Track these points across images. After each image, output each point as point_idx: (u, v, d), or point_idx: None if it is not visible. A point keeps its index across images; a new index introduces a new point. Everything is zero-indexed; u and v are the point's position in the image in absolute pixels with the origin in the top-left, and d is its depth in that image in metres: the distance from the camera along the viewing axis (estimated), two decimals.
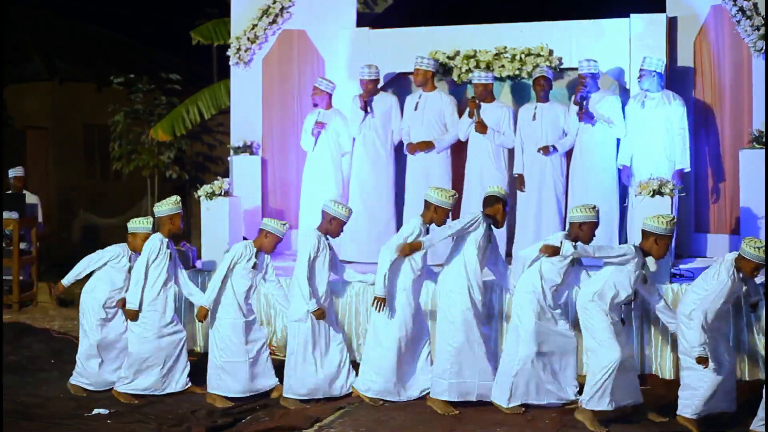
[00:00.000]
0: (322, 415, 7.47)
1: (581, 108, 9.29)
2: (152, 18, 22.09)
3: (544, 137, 9.52)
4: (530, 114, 9.60)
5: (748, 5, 9.32)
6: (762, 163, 9.13)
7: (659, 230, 7.05)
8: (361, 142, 10.11)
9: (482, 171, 9.66)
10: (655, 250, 7.09)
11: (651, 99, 9.25)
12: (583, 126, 9.39)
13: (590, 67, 9.40)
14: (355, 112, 10.01)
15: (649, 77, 9.20)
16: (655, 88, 9.24)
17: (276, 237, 7.99)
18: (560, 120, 9.56)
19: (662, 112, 9.23)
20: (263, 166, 10.67)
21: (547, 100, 9.62)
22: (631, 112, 9.36)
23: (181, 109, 13.75)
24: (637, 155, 9.31)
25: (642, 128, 9.27)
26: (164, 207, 8.17)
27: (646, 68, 9.20)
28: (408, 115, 9.97)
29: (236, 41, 10.71)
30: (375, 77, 9.96)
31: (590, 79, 9.39)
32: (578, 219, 7.35)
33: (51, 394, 8.15)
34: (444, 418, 7.35)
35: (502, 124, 9.66)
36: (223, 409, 7.69)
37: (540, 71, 9.62)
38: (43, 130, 18.04)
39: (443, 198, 7.68)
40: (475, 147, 9.75)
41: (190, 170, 16.17)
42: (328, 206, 7.90)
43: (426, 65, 9.88)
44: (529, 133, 9.58)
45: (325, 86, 10.09)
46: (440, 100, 9.91)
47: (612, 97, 9.51)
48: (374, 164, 10.07)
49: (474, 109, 9.56)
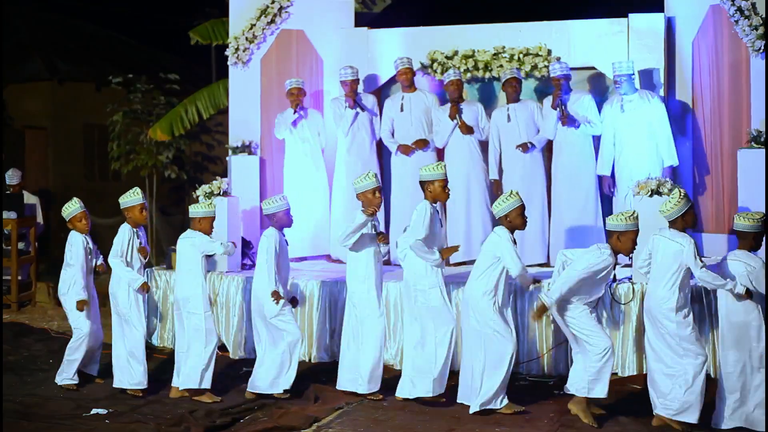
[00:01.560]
0: (321, 414, 7.46)
1: (563, 113, 9.37)
2: (151, 18, 22.07)
3: (522, 136, 9.69)
4: (504, 116, 9.76)
5: (747, 5, 9.33)
6: (761, 162, 9.13)
7: (620, 227, 7.02)
8: (349, 141, 10.15)
9: (468, 172, 9.81)
10: (620, 246, 7.04)
11: (629, 101, 9.35)
12: (562, 127, 9.50)
13: (562, 68, 9.51)
14: (340, 114, 10.07)
15: (627, 81, 9.28)
16: (631, 90, 9.31)
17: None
18: (535, 116, 9.71)
19: (643, 112, 9.35)
20: (261, 166, 10.67)
21: (518, 100, 9.73)
22: (611, 117, 9.45)
23: (180, 109, 13.75)
24: (625, 159, 9.41)
25: (625, 132, 9.38)
26: (128, 198, 8.21)
27: (623, 73, 9.28)
28: (392, 117, 10.04)
29: (234, 41, 10.72)
30: (356, 77, 10.07)
31: (563, 80, 9.47)
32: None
33: (50, 394, 8.14)
34: (443, 418, 7.34)
35: (480, 120, 9.85)
36: (222, 408, 7.70)
37: (510, 73, 9.72)
38: (42, 129, 18.04)
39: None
40: (457, 149, 9.85)
41: (189, 170, 16.15)
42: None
43: (409, 64, 9.98)
44: (506, 134, 9.74)
45: (302, 84, 10.30)
46: (425, 98, 10.05)
47: (586, 96, 9.69)
48: (365, 163, 10.11)
49: (456, 112, 9.65)
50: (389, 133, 10.09)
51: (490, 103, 10.23)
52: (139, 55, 20.16)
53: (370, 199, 7.72)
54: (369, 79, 10.49)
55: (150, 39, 21.17)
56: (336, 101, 10.19)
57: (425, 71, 10.28)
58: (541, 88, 10.14)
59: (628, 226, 7.00)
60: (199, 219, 8.09)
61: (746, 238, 6.88)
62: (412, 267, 7.64)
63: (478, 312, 7.29)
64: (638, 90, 9.42)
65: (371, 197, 7.72)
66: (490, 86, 10.32)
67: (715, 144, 9.93)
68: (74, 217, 8.42)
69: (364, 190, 7.74)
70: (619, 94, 9.39)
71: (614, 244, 7.06)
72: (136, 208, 8.18)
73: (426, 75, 10.33)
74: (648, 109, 9.34)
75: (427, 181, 7.57)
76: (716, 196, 9.93)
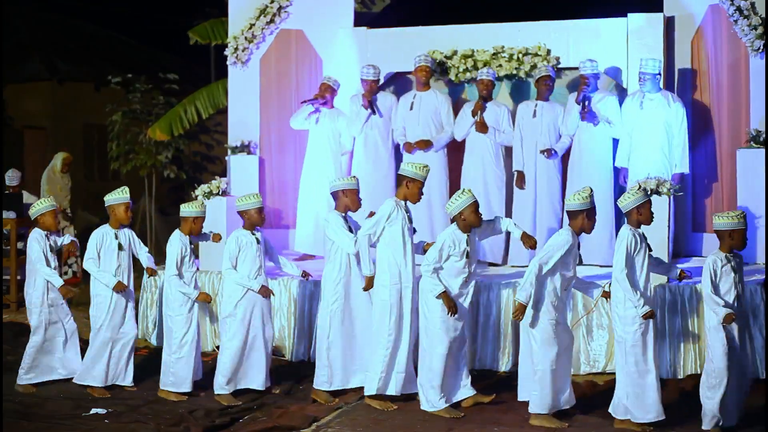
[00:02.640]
0: (320, 414, 7.47)
1: (584, 108, 9.34)
2: (151, 18, 22.08)
3: (545, 135, 9.59)
4: (530, 111, 9.66)
5: (746, 5, 9.33)
6: (760, 162, 9.14)
7: (586, 204, 7.04)
8: (362, 142, 10.12)
9: (484, 170, 9.72)
10: (586, 224, 7.07)
11: (650, 100, 9.27)
12: (583, 125, 9.43)
13: (592, 67, 9.47)
14: (356, 111, 10.03)
15: (651, 80, 9.23)
16: (655, 89, 9.26)
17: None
18: (559, 120, 9.61)
19: (662, 114, 9.25)
20: (261, 166, 10.67)
21: (548, 99, 9.66)
22: (629, 112, 9.38)
23: (179, 109, 13.75)
24: (635, 155, 9.32)
25: (641, 129, 9.29)
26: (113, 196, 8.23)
27: (649, 71, 9.21)
28: (403, 115, 9.99)
29: (234, 41, 10.71)
30: (377, 77, 10.01)
31: (592, 79, 9.44)
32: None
33: (50, 394, 8.15)
34: (442, 418, 7.34)
35: (501, 122, 9.73)
36: (221, 408, 7.70)
37: (545, 70, 9.65)
38: (42, 129, 18.04)
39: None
40: (475, 146, 9.78)
41: (188, 170, 16.15)
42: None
43: (429, 62, 9.93)
44: (529, 129, 9.63)
45: (333, 83, 10.14)
46: (435, 98, 9.95)
47: (611, 97, 9.56)
48: (375, 163, 10.08)
49: (479, 109, 9.60)
50: (402, 130, 10.03)
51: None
52: (139, 55, 20.18)
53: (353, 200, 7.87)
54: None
55: (150, 39, 21.18)
56: (354, 98, 10.12)
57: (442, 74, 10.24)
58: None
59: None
60: (193, 219, 8.14)
61: (723, 238, 6.90)
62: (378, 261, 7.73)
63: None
64: (662, 90, 9.34)
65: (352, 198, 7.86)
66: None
67: (715, 144, 9.93)
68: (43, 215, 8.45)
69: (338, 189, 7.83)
70: (642, 91, 9.34)
71: (580, 224, 7.06)
72: (121, 206, 8.19)
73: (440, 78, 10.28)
74: (666, 112, 9.24)
75: (408, 177, 7.63)
76: (715, 196, 9.92)
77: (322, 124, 10.14)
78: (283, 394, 8.09)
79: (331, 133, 10.16)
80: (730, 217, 6.86)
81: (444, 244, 7.36)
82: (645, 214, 7.04)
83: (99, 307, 8.16)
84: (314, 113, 10.09)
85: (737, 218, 6.85)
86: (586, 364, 8.46)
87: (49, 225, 8.35)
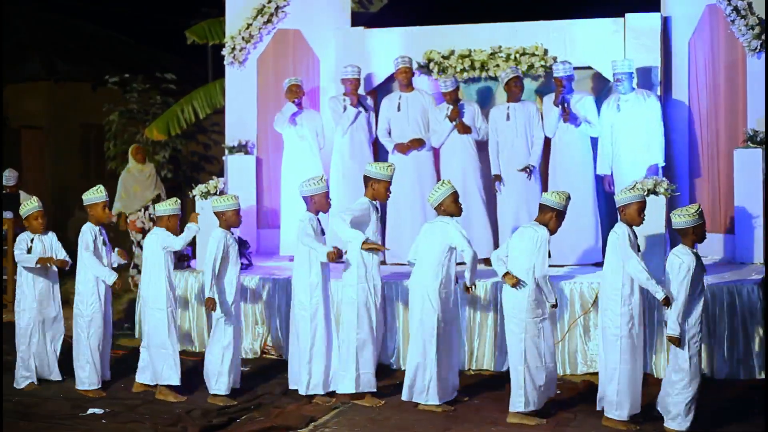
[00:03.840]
0: (318, 414, 7.47)
1: (565, 111, 9.38)
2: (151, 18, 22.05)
3: (520, 136, 9.66)
4: (503, 114, 9.72)
5: (743, 5, 9.35)
6: (757, 162, 9.16)
7: (561, 206, 7.17)
8: (347, 141, 10.10)
9: (464, 170, 9.75)
10: (553, 223, 7.18)
11: (626, 101, 9.34)
12: (562, 125, 9.48)
13: (565, 69, 9.50)
14: (339, 111, 10.01)
15: (628, 79, 9.27)
16: (629, 89, 9.31)
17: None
18: (533, 117, 9.66)
19: (639, 110, 9.34)
20: (258, 166, 10.68)
21: (519, 100, 9.72)
22: (607, 117, 9.45)
23: (176, 109, 13.73)
24: (622, 158, 9.37)
25: (621, 131, 9.36)
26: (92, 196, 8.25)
27: (624, 71, 9.26)
28: (389, 116, 10.02)
29: (231, 41, 10.72)
30: (359, 76, 10.04)
31: (566, 81, 9.47)
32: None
33: (49, 394, 8.15)
34: (440, 418, 7.34)
35: (476, 120, 9.82)
36: (219, 408, 7.70)
37: (512, 72, 9.68)
38: (39, 129, 18.02)
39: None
40: (454, 147, 9.82)
41: (185, 170, 16.12)
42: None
43: (410, 63, 9.95)
44: (505, 133, 9.71)
45: (302, 83, 10.24)
46: (422, 98, 10.00)
47: (588, 97, 9.67)
48: (361, 163, 10.08)
49: (457, 114, 9.65)
50: (386, 131, 10.07)
51: (486, 103, 10.22)
52: (138, 55, 20.13)
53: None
54: (365, 78, 10.45)
55: (149, 39, 21.15)
56: (334, 99, 10.14)
57: (422, 71, 10.26)
58: (541, 89, 10.10)
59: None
60: (168, 217, 8.18)
61: (687, 234, 6.92)
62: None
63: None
64: (635, 89, 9.40)
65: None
66: (487, 86, 10.30)
67: (712, 143, 9.94)
68: (31, 215, 8.44)
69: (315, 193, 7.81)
70: (617, 92, 9.37)
71: (548, 219, 7.18)
72: (99, 205, 8.22)
73: (422, 75, 10.30)
74: (644, 108, 9.33)
75: (373, 178, 7.65)
76: (712, 195, 9.93)
77: (301, 125, 10.20)
78: (281, 394, 8.09)
79: (309, 133, 10.20)
80: (690, 214, 6.89)
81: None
82: (641, 214, 7.11)
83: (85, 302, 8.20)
84: (297, 114, 10.12)
85: (697, 214, 6.90)
86: (583, 364, 8.46)
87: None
